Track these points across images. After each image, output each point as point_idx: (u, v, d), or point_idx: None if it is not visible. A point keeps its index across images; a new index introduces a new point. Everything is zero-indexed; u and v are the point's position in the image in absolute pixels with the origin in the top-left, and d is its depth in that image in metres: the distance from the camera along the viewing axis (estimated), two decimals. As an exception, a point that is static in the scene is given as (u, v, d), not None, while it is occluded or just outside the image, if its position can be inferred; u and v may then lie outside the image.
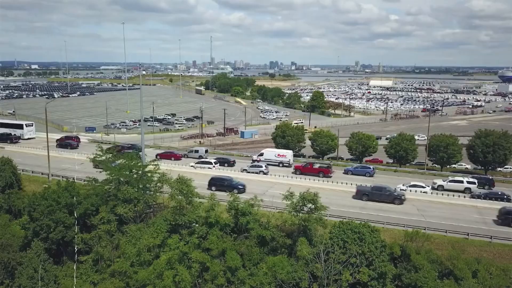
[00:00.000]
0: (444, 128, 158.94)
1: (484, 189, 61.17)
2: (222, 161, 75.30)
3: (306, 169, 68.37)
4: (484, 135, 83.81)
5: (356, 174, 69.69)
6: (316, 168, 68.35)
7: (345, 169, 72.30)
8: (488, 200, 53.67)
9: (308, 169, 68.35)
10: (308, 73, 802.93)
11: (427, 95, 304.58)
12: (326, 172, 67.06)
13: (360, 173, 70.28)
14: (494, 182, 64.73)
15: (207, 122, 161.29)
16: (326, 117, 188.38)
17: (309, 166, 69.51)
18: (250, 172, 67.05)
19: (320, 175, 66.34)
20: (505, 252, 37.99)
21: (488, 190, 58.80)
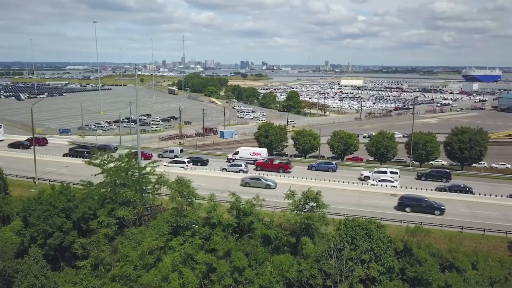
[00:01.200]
0: (416, 126, 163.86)
1: (442, 182, 64.65)
2: (195, 160, 75.58)
3: (266, 165, 71.10)
4: (460, 132, 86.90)
5: (320, 170, 72.04)
6: (276, 164, 70.99)
7: (309, 165, 74.45)
8: (451, 192, 56.36)
9: (269, 165, 71.20)
10: (279, 73, 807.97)
11: (397, 94, 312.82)
12: (285, 167, 69.94)
13: (323, 168, 72.72)
14: (450, 175, 67.80)
15: (185, 123, 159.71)
16: (302, 116, 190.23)
17: (270, 162, 72.44)
18: (230, 171, 67.40)
19: (280, 170, 68.88)
20: (498, 244, 39.80)
21: (452, 183, 61.62)
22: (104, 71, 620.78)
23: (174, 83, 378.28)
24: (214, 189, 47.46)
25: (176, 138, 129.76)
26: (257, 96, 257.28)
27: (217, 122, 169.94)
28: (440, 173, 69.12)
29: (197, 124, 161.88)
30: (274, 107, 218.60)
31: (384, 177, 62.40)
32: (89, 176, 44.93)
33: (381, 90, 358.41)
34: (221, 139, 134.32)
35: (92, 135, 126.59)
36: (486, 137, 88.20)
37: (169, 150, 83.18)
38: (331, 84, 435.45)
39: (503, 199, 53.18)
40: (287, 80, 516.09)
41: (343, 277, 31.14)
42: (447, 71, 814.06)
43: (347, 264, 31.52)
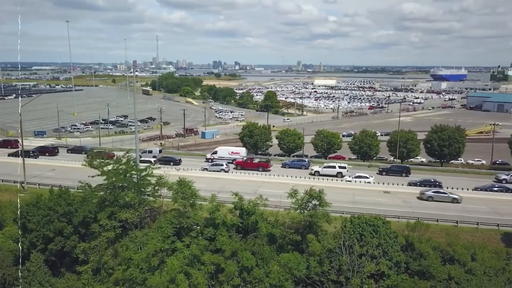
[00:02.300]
0: (392, 124, 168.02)
1: (402, 176, 67.25)
2: (167, 159, 75.04)
3: (246, 164, 71.51)
4: (439, 130, 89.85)
5: (293, 167, 73.46)
6: (256, 163, 71.75)
7: (283, 163, 75.77)
8: (423, 187, 58.69)
9: (249, 164, 71.64)
10: (252, 73, 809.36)
11: (370, 94, 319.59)
12: (265, 166, 70.59)
13: (297, 166, 74.21)
14: (410, 170, 70.76)
15: (163, 123, 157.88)
16: (280, 116, 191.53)
17: (249, 161, 72.87)
18: (211, 171, 67.53)
19: (260, 169, 69.55)
20: (492, 236, 41.65)
21: (423, 178, 64.02)
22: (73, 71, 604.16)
23: (148, 83, 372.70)
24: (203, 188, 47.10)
25: (156, 139, 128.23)
26: (234, 96, 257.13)
27: (196, 123, 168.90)
28: (399, 168, 72.48)
29: (175, 125, 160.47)
30: (252, 107, 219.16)
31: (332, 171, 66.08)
32: (78, 179, 44.07)
33: (354, 89, 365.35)
34: (203, 139, 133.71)
35: (69, 137, 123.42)
36: (463, 135, 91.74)
37: (148, 151, 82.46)
38: (305, 84, 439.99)
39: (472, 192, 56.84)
40: (261, 80, 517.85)
41: (355, 273, 31.91)
42: (415, 70, 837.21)
43: (358, 259, 32.30)
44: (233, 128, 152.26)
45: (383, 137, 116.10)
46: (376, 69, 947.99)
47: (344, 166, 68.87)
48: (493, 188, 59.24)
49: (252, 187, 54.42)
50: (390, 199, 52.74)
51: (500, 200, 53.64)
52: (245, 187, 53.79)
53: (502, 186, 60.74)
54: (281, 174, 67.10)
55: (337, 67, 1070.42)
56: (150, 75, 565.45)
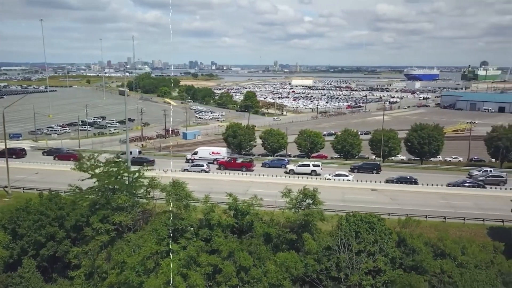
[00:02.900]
0: (371, 123, 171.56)
1: (372, 173, 69.51)
2: (140, 161, 73.32)
3: (229, 164, 71.78)
4: (419, 129, 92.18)
5: (273, 167, 74.54)
6: (239, 163, 72.13)
7: (263, 163, 76.79)
8: (399, 184, 61.12)
9: (232, 164, 71.86)
10: (229, 73, 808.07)
11: (348, 93, 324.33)
12: (248, 166, 71.16)
13: (276, 165, 75.36)
14: (380, 167, 73.12)
15: (143, 124, 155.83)
16: (260, 116, 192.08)
17: (233, 161, 73.09)
18: (192, 172, 67.47)
19: (243, 169, 70.02)
20: (479, 230, 43.24)
21: (399, 175, 66.12)
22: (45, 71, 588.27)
23: (124, 84, 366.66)
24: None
25: (137, 141, 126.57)
26: (213, 97, 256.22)
27: (176, 123, 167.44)
28: (370, 165, 74.66)
29: (155, 126, 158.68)
30: (232, 107, 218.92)
31: (306, 170, 68.26)
32: (63, 182, 43.14)
33: (332, 89, 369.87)
34: (184, 140, 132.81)
35: (47, 140, 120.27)
36: (442, 133, 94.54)
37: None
38: (283, 84, 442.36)
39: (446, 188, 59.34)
40: (239, 80, 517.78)
41: (353, 270, 32.53)
42: (390, 70, 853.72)
43: (357, 256, 32.94)
44: (215, 129, 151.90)
45: (363, 136, 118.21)
46: (352, 69, 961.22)
47: (318, 164, 70.87)
48: (464, 183, 61.57)
49: (243, 187, 54.60)
50: (378, 197, 53.94)
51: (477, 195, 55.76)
52: (236, 188, 53.77)
53: (473, 181, 63.08)
54: (262, 173, 67.71)
55: (313, 67, 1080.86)
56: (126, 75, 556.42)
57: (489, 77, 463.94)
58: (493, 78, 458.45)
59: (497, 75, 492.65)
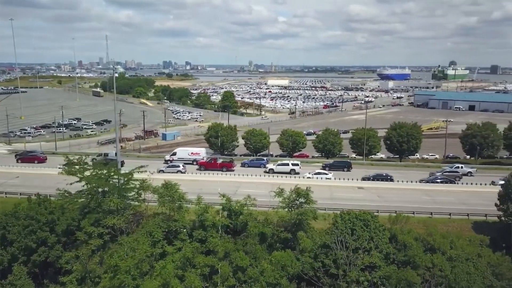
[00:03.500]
0: (348, 122, 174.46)
1: (344, 171, 71.24)
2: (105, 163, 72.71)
3: (210, 165, 71.80)
4: (398, 127, 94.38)
5: (252, 166, 75.15)
6: (220, 163, 72.33)
7: (242, 162, 77.37)
8: (375, 181, 62.76)
9: (212, 164, 71.92)
10: (204, 73, 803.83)
11: (323, 93, 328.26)
12: (228, 166, 71.52)
13: (256, 165, 76.00)
14: (351, 165, 75.03)
15: (121, 125, 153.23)
16: (239, 116, 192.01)
17: (213, 161, 73.19)
18: (167, 173, 66.88)
19: (224, 169, 70.25)
20: (464, 225, 44.85)
21: (375, 173, 67.81)
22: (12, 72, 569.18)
23: (97, 84, 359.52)
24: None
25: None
26: (190, 97, 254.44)
27: (154, 124, 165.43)
28: (341, 163, 76.43)
29: (133, 127, 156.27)
30: (210, 108, 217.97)
31: (285, 169, 69.33)
32: (46, 186, 42.10)
33: (307, 89, 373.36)
34: (164, 141, 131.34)
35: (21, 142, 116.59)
36: (420, 131, 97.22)
37: (104, 154, 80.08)
38: (259, 84, 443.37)
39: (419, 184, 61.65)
40: (215, 80, 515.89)
41: (351, 266, 33.16)
42: (362, 70, 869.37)
43: (354, 253, 33.60)
44: (194, 129, 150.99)
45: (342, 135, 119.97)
46: (326, 69, 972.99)
47: (297, 163, 72.23)
48: (436, 179, 63.67)
49: (232, 188, 54.57)
50: (366, 194, 55.03)
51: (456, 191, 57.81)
52: (225, 188, 53.71)
53: (445, 178, 65.14)
54: (241, 173, 68.18)
55: (288, 67, 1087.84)
56: (98, 76, 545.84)
57: (458, 77, 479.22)
58: (462, 78, 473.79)
59: (465, 74, 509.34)
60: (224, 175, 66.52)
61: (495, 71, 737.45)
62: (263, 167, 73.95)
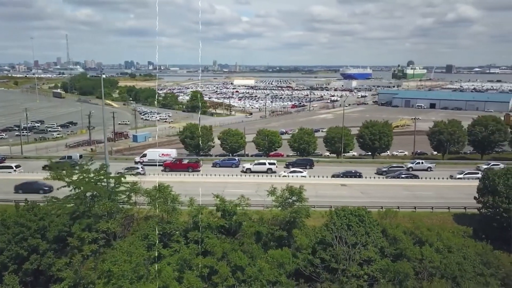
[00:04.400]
0: (317, 121, 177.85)
1: (306, 168, 72.34)
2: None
3: (175, 165, 71.20)
4: (370, 125, 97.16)
5: (224, 166, 75.62)
6: (185, 164, 71.95)
7: (213, 162, 77.72)
8: (345, 178, 65.10)
9: (178, 165, 71.38)
10: (168, 73, 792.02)
11: (289, 93, 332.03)
12: (194, 166, 71.25)
13: (227, 165, 76.55)
14: (313, 163, 77.45)
15: (87, 128, 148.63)
16: (209, 116, 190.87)
17: (178, 162, 72.75)
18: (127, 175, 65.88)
19: (189, 170, 69.95)
20: (445, 217, 47.13)
21: (345, 170, 70.35)
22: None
23: (57, 85, 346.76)
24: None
25: (85, 145, 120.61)
26: (157, 97, 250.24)
27: (123, 126, 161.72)
28: (304, 161, 78.64)
29: (101, 129, 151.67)
30: (178, 108, 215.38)
31: (262, 168, 70.28)
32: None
33: (274, 89, 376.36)
34: (135, 143, 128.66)
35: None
36: (391, 129, 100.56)
37: (67, 157, 78.54)
38: (225, 84, 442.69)
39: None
40: (180, 80, 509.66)
41: (351, 261, 34.15)
42: (325, 70, 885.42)
43: (353, 248, 34.60)
44: (165, 130, 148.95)
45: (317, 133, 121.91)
46: (289, 68, 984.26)
47: (273, 162, 73.29)
48: (401, 175, 66.39)
49: (219, 188, 54.45)
50: (350, 191, 56.55)
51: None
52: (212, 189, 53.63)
53: (409, 173, 68.43)
54: (212, 173, 68.15)
55: (252, 67, 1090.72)
56: (57, 77, 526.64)
57: (417, 76, 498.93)
58: (420, 77, 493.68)
59: (423, 73, 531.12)
60: (212, 176, 66.34)
61: (450, 71, 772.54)
62: (235, 167, 74.24)
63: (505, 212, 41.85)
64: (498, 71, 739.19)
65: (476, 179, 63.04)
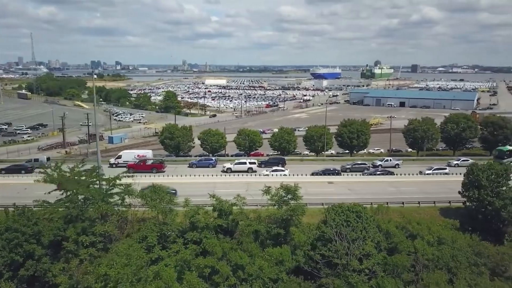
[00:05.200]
0: (292, 121, 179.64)
1: (278, 166, 73.70)
2: (17, 168, 70.52)
3: (139, 167, 70.22)
4: (348, 124, 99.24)
5: (201, 166, 75.77)
6: (149, 165, 71.43)
7: (190, 163, 77.82)
8: (325, 175, 66.86)
9: (141, 166, 70.60)
10: (136, 73, 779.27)
11: (262, 92, 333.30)
12: (159, 167, 70.79)
13: (204, 165, 76.77)
14: (285, 161, 79.26)
15: (58, 130, 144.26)
16: (184, 116, 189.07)
17: (142, 163, 72.03)
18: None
19: (153, 171, 69.52)
20: (432, 212, 48.95)
21: (324, 167, 72.31)
22: None
23: (22, 86, 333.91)
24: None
25: (59, 147, 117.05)
26: (129, 98, 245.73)
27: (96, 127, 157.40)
28: (276, 160, 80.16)
29: (72, 131, 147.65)
30: (151, 108, 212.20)
31: (243, 167, 70.93)
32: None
33: (246, 88, 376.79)
34: (111, 144, 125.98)
35: None
36: (369, 127, 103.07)
37: (34, 159, 76.72)
38: (196, 83, 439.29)
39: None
40: (149, 80, 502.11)
41: (351, 256, 34.97)
42: (295, 69, 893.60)
43: (353, 243, 35.43)
44: (141, 131, 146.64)
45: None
46: (260, 68, 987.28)
47: (254, 162, 73.98)
48: (376, 172, 68.57)
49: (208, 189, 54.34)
50: (338, 189, 57.67)
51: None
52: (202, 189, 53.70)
53: (384, 169, 70.87)
54: (188, 174, 67.84)
55: (223, 66, 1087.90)
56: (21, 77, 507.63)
57: (384, 75, 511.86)
58: (387, 76, 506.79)
59: (391, 73, 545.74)
60: (200, 177, 66.03)
61: (415, 70, 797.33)
62: (212, 167, 74.33)
63: (489, 205, 43.97)
64: (460, 71, 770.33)
65: (444, 174, 66.51)
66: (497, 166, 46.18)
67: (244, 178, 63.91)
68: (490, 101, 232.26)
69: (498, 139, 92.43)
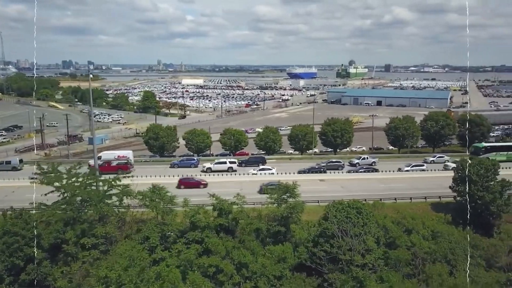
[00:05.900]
0: (272, 120, 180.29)
1: (258, 166, 73.77)
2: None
3: (104, 168, 68.45)
4: (332, 123, 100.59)
5: (182, 167, 75.48)
6: (115, 166, 70.20)
7: (171, 163, 77.54)
8: (311, 174, 67.85)
9: (106, 167, 68.99)
10: (110, 73, 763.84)
11: (240, 92, 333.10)
12: (124, 168, 69.08)
13: (186, 165, 76.63)
14: (265, 160, 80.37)
15: (35, 131, 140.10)
16: (163, 117, 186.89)
17: (107, 164, 70.95)
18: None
19: (119, 172, 68.20)
20: (424, 207, 50.37)
21: (310, 166, 73.06)
22: None
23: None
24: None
25: (38, 149, 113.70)
26: (105, 98, 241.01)
27: (74, 128, 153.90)
28: (256, 159, 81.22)
29: (50, 132, 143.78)
30: (130, 109, 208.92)
31: (223, 167, 71.14)
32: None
33: (224, 88, 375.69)
34: (92, 146, 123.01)
35: None
36: (352, 126, 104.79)
37: (5, 162, 76.13)
38: (173, 83, 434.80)
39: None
40: (125, 80, 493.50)
41: (354, 251, 35.64)
42: (271, 69, 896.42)
43: (356, 239, 36.11)
44: (121, 131, 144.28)
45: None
46: (236, 68, 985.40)
47: (234, 161, 74.23)
48: (360, 170, 70.26)
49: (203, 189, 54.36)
50: (330, 186, 58.49)
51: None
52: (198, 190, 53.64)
53: (370, 167, 72.53)
54: (170, 174, 67.18)
55: (198, 66, 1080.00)
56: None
57: (359, 74, 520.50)
58: (362, 75, 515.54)
59: (365, 72, 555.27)
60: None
61: (388, 70, 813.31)
62: (194, 167, 74.02)
63: (479, 199, 45.62)
64: (431, 70, 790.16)
65: (421, 171, 68.54)
66: (486, 161, 47.94)
67: (236, 177, 64.01)
68: (462, 99, 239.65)
69: (475, 136, 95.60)
